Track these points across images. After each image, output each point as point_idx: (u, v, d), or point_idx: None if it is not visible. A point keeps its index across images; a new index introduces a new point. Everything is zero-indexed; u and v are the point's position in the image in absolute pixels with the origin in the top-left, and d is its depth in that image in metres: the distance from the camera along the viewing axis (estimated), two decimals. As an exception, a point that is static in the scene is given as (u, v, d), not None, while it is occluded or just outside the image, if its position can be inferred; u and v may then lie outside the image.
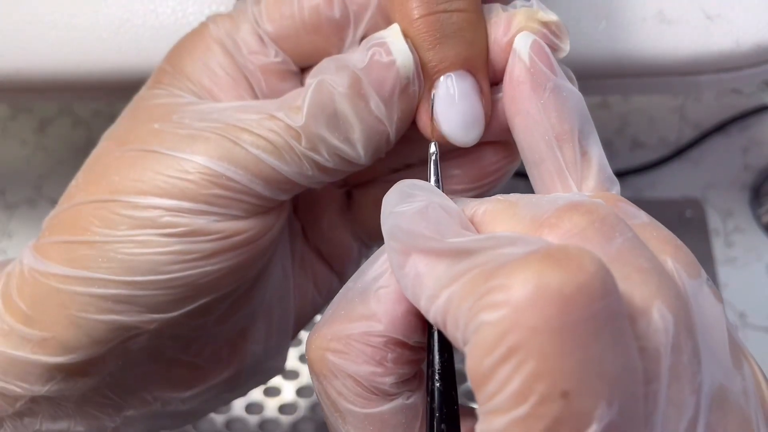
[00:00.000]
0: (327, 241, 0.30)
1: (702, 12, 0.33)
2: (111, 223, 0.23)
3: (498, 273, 0.15)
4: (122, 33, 0.33)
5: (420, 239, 0.18)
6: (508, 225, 0.19)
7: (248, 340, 0.28)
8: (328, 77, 0.22)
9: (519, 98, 0.22)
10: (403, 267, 0.19)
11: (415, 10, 0.22)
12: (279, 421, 0.45)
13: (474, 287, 0.16)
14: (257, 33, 0.25)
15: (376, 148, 0.23)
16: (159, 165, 0.23)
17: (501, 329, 0.15)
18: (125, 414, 0.26)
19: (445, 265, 0.18)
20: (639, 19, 0.33)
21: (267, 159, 0.23)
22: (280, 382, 0.46)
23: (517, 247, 0.17)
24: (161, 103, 0.24)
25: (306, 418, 0.45)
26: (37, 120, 0.53)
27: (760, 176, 0.53)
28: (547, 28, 0.22)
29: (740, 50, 0.33)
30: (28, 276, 0.24)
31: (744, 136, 0.54)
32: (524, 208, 0.19)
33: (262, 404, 0.45)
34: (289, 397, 0.45)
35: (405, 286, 0.19)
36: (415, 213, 0.19)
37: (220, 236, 0.23)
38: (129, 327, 0.23)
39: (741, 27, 0.33)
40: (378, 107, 0.22)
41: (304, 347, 0.47)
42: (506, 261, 0.16)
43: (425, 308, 0.18)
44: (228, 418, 0.45)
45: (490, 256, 0.17)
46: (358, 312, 0.20)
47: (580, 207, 0.18)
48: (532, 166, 0.22)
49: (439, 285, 0.17)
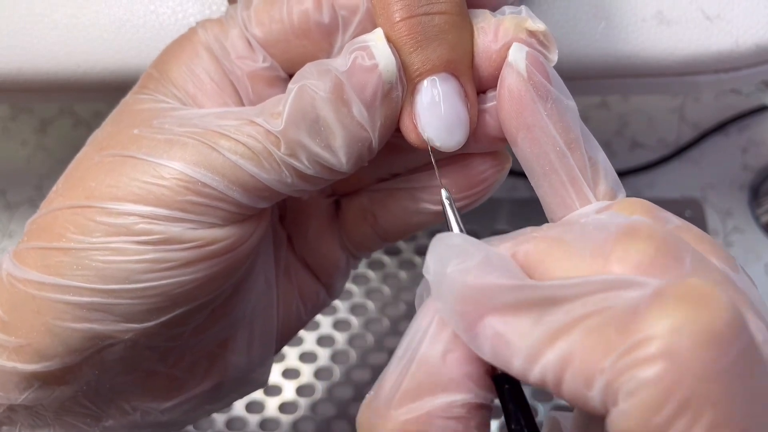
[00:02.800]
0: (314, 251, 0.30)
1: (701, 12, 0.33)
2: (86, 230, 0.22)
3: (635, 323, 0.15)
4: (122, 33, 0.33)
5: (495, 295, 0.17)
6: (569, 264, 0.18)
7: (229, 351, 0.28)
8: (310, 82, 0.22)
9: (522, 113, 0.21)
10: (474, 328, 0.18)
11: (396, 13, 0.22)
12: (279, 420, 0.45)
13: (603, 341, 0.15)
14: (246, 38, 0.25)
15: (358, 156, 0.23)
16: (135, 171, 0.22)
17: (666, 385, 0.14)
18: (104, 424, 0.26)
19: (531, 319, 0.17)
20: (638, 20, 0.33)
21: (245, 165, 0.22)
22: (280, 381, 0.46)
23: (626, 291, 0.16)
24: (144, 109, 0.24)
25: (306, 418, 0.45)
26: (38, 120, 0.53)
27: (759, 176, 0.53)
28: (534, 37, 0.22)
29: (739, 50, 0.33)
30: (6, 281, 0.23)
31: (743, 137, 0.54)
32: (576, 242, 0.18)
33: (263, 403, 0.45)
34: (290, 397, 0.45)
35: (480, 348, 0.18)
36: (479, 267, 0.18)
37: (196, 245, 0.22)
38: (104, 336, 0.23)
39: (740, 27, 0.33)
40: (360, 113, 0.22)
41: (304, 346, 0.47)
42: (626, 308, 0.15)
43: (522, 369, 0.17)
44: (228, 417, 0.45)
45: (596, 303, 0.16)
46: (429, 384, 0.18)
47: (638, 233, 0.17)
48: (541, 177, 0.22)
49: (536, 342, 0.16)
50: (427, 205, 0.27)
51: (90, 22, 0.33)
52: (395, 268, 0.50)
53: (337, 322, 0.48)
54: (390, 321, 0.48)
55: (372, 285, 0.49)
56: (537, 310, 0.17)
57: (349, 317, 0.48)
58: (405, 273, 0.50)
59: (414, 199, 0.27)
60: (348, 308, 0.48)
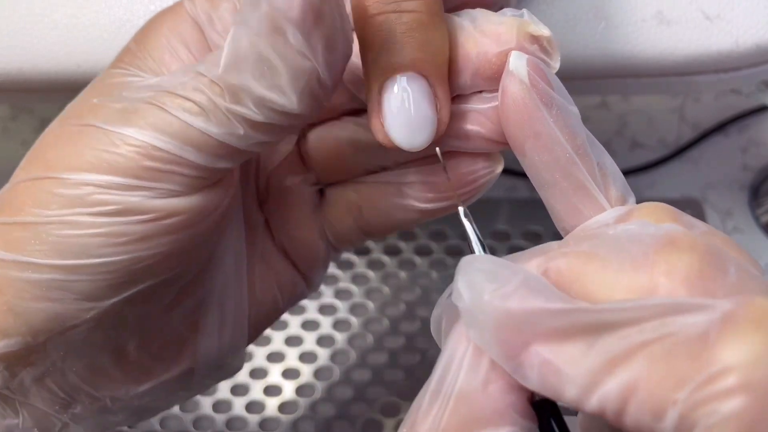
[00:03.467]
0: (293, 239, 0.29)
1: (701, 12, 0.33)
2: (43, 203, 0.22)
3: (707, 352, 0.14)
4: (122, 33, 0.33)
5: (541, 320, 0.16)
6: (609, 280, 0.17)
7: (199, 334, 0.27)
8: (244, 17, 0.20)
9: (528, 121, 0.21)
10: (518, 357, 0.17)
11: (367, 9, 0.21)
12: (279, 420, 0.45)
13: (673, 371, 0.15)
14: (237, 9, 0.24)
15: (309, 92, 0.21)
16: (91, 139, 0.22)
17: (749, 420, 0.14)
18: (73, 411, 0.26)
19: (583, 346, 0.16)
20: (638, 20, 0.33)
21: (193, 122, 0.21)
22: (280, 381, 0.46)
23: (688, 315, 0.15)
24: (114, 82, 0.23)
25: (306, 417, 0.45)
26: (38, 120, 0.53)
27: (759, 176, 0.53)
28: (537, 42, 0.22)
29: (739, 51, 0.33)
30: None
31: (743, 137, 0.54)
32: (612, 256, 0.17)
33: (263, 403, 0.45)
34: (290, 396, 0.45)
35: (525, 377, 0.17)
36: (520, 291, 0.17)
37: (155, 216, 0.22)
38: (66, 316, 0.22)
39: (740, 27, 0.33)
40: (296, 38, 0.20)
41: (304, 346, 0.47)
42: (695, 335, 0.15)
43: (578, 397, 0.16)
44: (228, 417, 0.45)
45: (657, 329, 0.15)
46: (471, 419, 0.17)
47: (679, 244, 0.17)
48: (549, 186, 0.21)
49: (593, 370, 0.16)
50: (414, 202, 0.26)
51: (90, 22, 0.33)
52: (395, 268, 0.50)
53: (337, 322, 0.48)
54: (390, 321, 0.48)
55: (372, 285, 0.49)
56: (589, 336, 0.16)
57: (348, 317, 0.48)
58: (405, 273, 0.50)
59: (401, 194, 0.26)
60: (348, 308, 0.48)
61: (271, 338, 0.47)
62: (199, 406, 0.45)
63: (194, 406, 0.45)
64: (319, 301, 0.49)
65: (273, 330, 0.48)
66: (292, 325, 0.48)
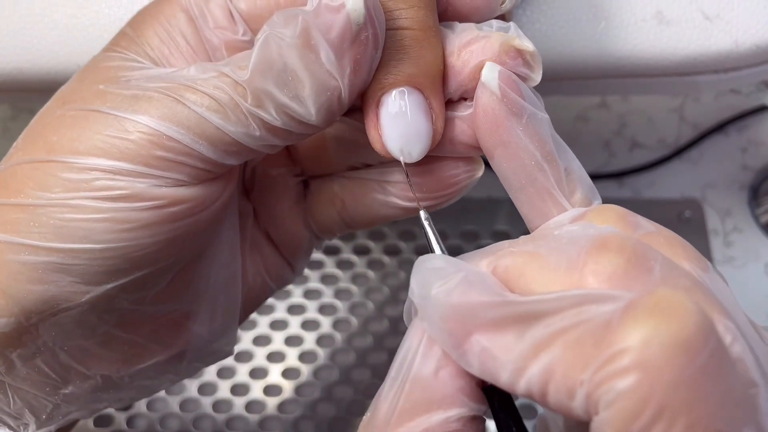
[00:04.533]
0: (278, 227, 0.30)
1: (701, 13, 0.33)
2: (45, 185, 0.22)
3: (609, 336, 0.16)
4: (123, 33, 0.33)
5: (479, 312, 0.18)
6: (546, 277, 0.18)
7: (191, 320, 0.27)
8: (277, 30, 0.21)
9: (497, 130, 0.22)
10: (461, 345, 0.18)
11: None
12: (279, 418, 0.45)
13: (582, 354, 0.16)
14: (228, 8, 0.24)
15: (327, 108, 0.22)
16: (98, 124, 0.22)
17: (642, 394, 0.15)
18: (64, 392, 0.26)
19: (515, 334, 0.17)
20: (638, 20, 0.33)
21: (211, 118, 0.21)
22: (280, 381, 0.46)
23: (600, 304, 0.17)
24: (112, 66, 0.23)
25: (306, 417, 0.45)
26: (37, 120, 0.53)
27: (759, 176, 0.53)
28: (521, 56, 0.22)
29: (739, 51, 0.33)
30: None
31: (743, 137, 0.54)
32: (551, 256, 0.19)
33: (263, 403, 0.45)
34: (289, 396, 0.46)
35: (469, 364, 0.18)
36: (461, 286, 0.19)
37: (159, 204, 0.22)
38: (61, 298, 0.22)
39: (739, 27, 0.33)
40: (328, 58, 0.21)
41: (304, 346, 0.47)
42: (601, 322, 0.16)
43: (510, 381, 0.17)
44: (228, 417, 0.45)
45: (573, 317, 0.17)
46: (423, 402, 0.19)
47: (609, 245, 0.18)
48: (517, 191, 0.22)
49: (520, 356, 0.17)
50: (397, 200, 0.27)
51: (90, 22, 0.33)
52: (395, 268, 0.50)
53: (336, 322, 0.48)
54: (389, 321, 0.48)
55: (372, 285, 0.49)
56: (520, 325, 0.17)
57: (348, 317, 0.48)
58: (405, 273, 0.50)
59: (384, 192, 0.27)
60: (348, 308, 0.48)
61: (271, 338, 0.47)
62: (199, 405, 0.45)
63: (194, 406, 0.45)
64: (319, 301, 0.49)
65: (273, 330, 0.48)
66: (292, 324, 0.48)
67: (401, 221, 0.51)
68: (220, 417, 0.45)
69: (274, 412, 0.45)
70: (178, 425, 0.45)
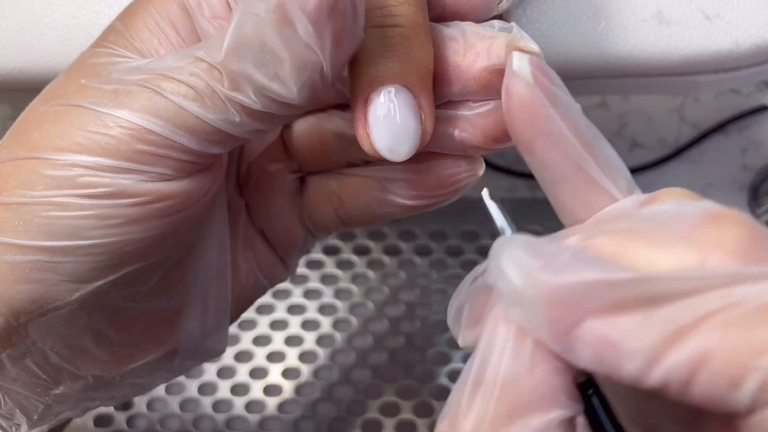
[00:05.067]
0: (273, 224, 0.29)
1: (701, 12, 0.33)
2: (28, 183, 0.21)
3: None
4: (123, 33, 0.33)
5: (595, 294, 0.16)
6: (655, 255, 0.17)
7: (183, 318, 0.27)
8: (251, 4, 0.20)
9: (537, 121, 0.20)
10: (568, 334, 0.16)
11: None
12: (279, 419, 0.45)
13: (751, 337, 0.15)
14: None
15: (310, 85, 0.21)
16: (80, 120, 0.21)
17: None
18: (55, 392, 0.25)
19: (641, 318, 0.15)
20: (638, 20, 0.33)
21: (189, 107, 0.21)
22: (280, 381, 0.46)
23: (754, 284, 0.15)
24: (99, 62, 0.23)
25: (306, 417, 0.45)
26: (38, 120, 0.53)
27: (759, 176, 0.53)
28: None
29: (739, 50, 0.33)
30: None
31: (743, 137, 0.54)
32: (654, 232, 0.17)
33: (263, 403, 0.45)
34: (289, 396, 0.46)
35: (578, 356, 0.16)
36: (572, 265, 0.16)
37: (146, 200, 0.21)
38: (49, 297, 0.22)
39: (740, 27, 0.33)
40: (307, 31, 0.20)
41: (304, 346, 0.47)
42: (763, 301, 0.15)
43: (639, 372, 0.16)
44: (228, 417, 0.45)
45: (722, 298, 0.15)
46: (519, 406, 0.17)
47: (726, 218, 0.17)
48: (559, 183, 0.21)
49: (657, 342, 0.15)
50: (396, 198, 0.26)
51: (90, 22, 0.33)
52: (395, 268, 0.50)
53: (336, 322, 0.48)
54: (389, 321, 0.48)
55: (371, 285, 0.49)
56: (647, 308, 0.16)
57: (348, 317, 0.48)
58: (405, 273, 0.50)
59: (384, 190, 0.26)
60: (348, 308, 0.49)
61: (271, 338, 0.48)
62: (199, 405, 0.45)
63: (194, 406, 0.45)
64: (319, 301, 0.49)
65: (273, 330, 0.48)
66: (292, 324, 0.48)
67: (401, 221, 0.51)
68: (220, 417, 0.45)
69: (274, 412, 0.45)
70: (178, 425, 0.45)
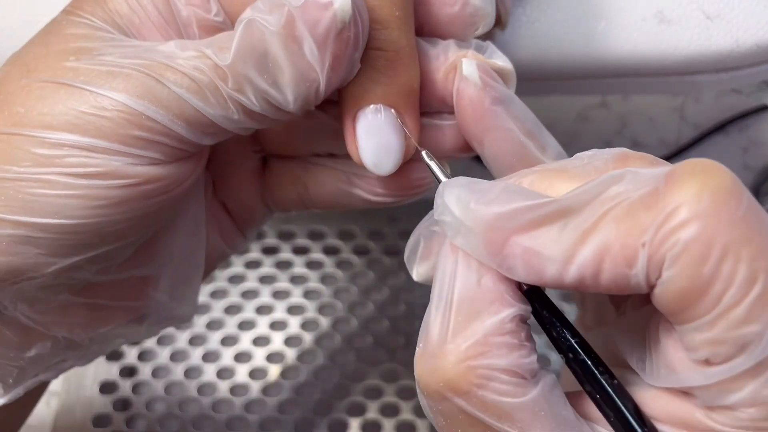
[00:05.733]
0: (234, 199, 0.30)
1: (701, 12, 0.33)
2: (12, 159, 0.21)
3: (659, 201, 0.17)
4: (122, 32, 0.33)
5: (517, 216, 0.19)
6: (575, 186, 0.19)
7: (152, 287, 0.28)
8: (260, 16, 0.21)
9: (484, 118, 0.23)
10: (501, 251, 0.19)
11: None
12: (279, 419, 0.45)
13: (636, 223, 0.17)
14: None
15: (305, 97, 0.22)
16: (72, 99, 0.21)
17: (706, 238, 0.17)
18: (28, 355, 0.26)
19: (557, 228, 0.18)
20: (638, 19, 0.33)
21: (190, 99, 0.22)
22: (280, 380, 0.46)
23: (632, 180, 0.18)
24: (79, 34, 0.23)
25: (306, 417, 0.45)
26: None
27: (760, 176, 0.53)
28: (500, 74, 0.24)
29: (739, 50, 0.33)
30: None
31: (743, 136, 0.54)
32: (578, 169, 0.20)
33: (263, 403, 0.45)
34: (289, 396, 0.46)
35: (510, 268, 0.19)
36: (502, 197, 0.19)
37: (135, 182, 0.22)
38: (24, 269, 0.22)
39: (740, 27, 0.33)
40: (311, 51, 0.21)
41: (303, 346, 0.47)
42: (645, 193, 0.17)
43: (557, 273, 0.18)
44: (228, 417, 0.45)
45: (613, 199, 0.18)
46: (475, 312, 0.19)
47: (632, 155, 0.20)
48: (507, 170, 0.24)
49: (568, 245, 0.18)
50: (363, 193, 0.27)
51: (90, 22, 0.33)
52: (395, 268, 0.50)
53: (336, 321, 0.48)
54: (389, 321, 0.48)
55: (371, 284, 0.49)
56: (560, 220, 0.18)
57: (348, 316, 0.48)
58: (405, 273, 0.50)
59: (351, 183, 0.27)
60: (347, 308, 0.49)
61: (271, 338, 0.48)
62: (199, 405, 0.45)
63: (194, 406, 0.45)
64: (319, 301, 0.49)
65: (272, 330, 0.48)
66: (291, 324, 0.48)
67: (402, 221, 0.51)
68: (220, 417, 0.45)
69: (274, 412, 0.45)
70: (178, 425, 0.45)
